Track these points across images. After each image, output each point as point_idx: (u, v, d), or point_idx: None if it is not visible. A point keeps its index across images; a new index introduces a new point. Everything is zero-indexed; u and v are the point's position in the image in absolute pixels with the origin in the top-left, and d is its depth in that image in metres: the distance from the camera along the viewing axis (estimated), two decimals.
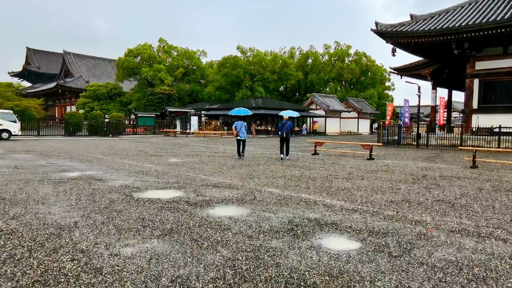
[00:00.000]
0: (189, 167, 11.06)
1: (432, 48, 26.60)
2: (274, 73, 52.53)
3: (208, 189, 7.41)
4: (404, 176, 9.88)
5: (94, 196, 6.46)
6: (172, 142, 25.82)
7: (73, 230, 4.40)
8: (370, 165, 12.43)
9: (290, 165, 11.97)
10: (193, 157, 14.25)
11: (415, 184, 8.50)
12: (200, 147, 20.46)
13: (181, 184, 7.96)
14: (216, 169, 10.58)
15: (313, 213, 5.53)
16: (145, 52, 54.85)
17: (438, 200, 6.66)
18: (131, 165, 11.35)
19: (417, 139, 22.34)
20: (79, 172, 9.54)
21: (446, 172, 10.98)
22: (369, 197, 6.83)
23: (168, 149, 18.77)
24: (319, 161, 13.53)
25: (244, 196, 6.69)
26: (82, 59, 73.35)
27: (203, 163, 12.27)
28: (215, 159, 13.75)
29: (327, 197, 6.74)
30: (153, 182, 8.10)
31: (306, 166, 11.75)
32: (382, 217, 5.28)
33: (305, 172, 10.35)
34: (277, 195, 6.85)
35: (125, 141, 26.25)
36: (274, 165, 12.03)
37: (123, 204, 5.88)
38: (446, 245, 4.10)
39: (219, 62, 53.16)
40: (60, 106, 71.96)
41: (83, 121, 34.37)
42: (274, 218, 5.21)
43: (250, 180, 8.63)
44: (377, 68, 61.07)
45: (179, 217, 5.13)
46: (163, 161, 12.76)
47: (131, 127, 38.63)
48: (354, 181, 8.73)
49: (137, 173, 9.48)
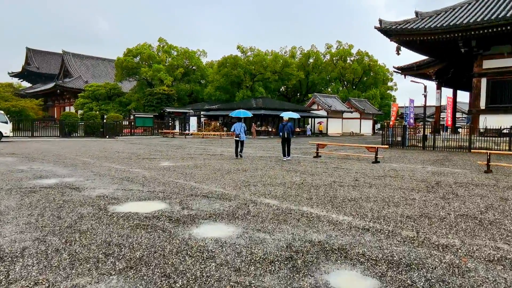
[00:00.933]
0: (180, 172, 10.17)
1: (437, 47, 25.68)
2: (275, 73, 51.62)
3: (196, 200, 6.52)
4: (415, 183, 8.97)
5: (61, 210, 5.57)
6: (169, 143, 24.95)
7: (15, 262, 3.51)
8: (376, 170, 11.53)
9: (291, 170, 11.08)
10: (187, 161, 13.37)
11: (430, 193, 7.59)
12: (197, 149, 19.58)
13: (167, 193, 7.08)
14: (209, 175, 9.69)
15: (317, 233, 4.64)
16: (145, 52, 54.05)
17: (461, 214, 5.75)
18: (118, 170, 10.47)
19: (423, 140, 21.41)
20: (57, 179, 8.65)
21: (460, 177, 10.07)
22: (380, 210, 5.93)
23: (163, 151, 17.90)
24: (322, 165, 12.64)
25: (237, 210, 5.80)
26: (81, 59, 72.61)
27: (197, 167, 11.38)
28: (211, 162, 12.86)
29: (332, 211, 5.84)
30: (136, 191, 7.21)
31: (307, 171, 10.85)
32: (400, 240, 4.38)
33: (307, 178, 9.46)
34: (275, 208, 5.96)
35: (121, 142, 25.39)
36: (273, 169, 11.13)
37: (92, 221, 4.99)
38: (489, 284, 3.20)
39: (219, 62, 52.28)
40: (59, 106, 71.23)
41: (79, 122, 33.50)
42: (270, 240, 4.31)
43: (245, 189, 7.74)
44: (380, 68, 60.12)
45: (154, 240, 4.24)
46: (154, 165, 11.88)
47: (129, 128, 37.77)
48: (361, 190, 7.83)
49: (122, 180, 8.59)
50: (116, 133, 34.53)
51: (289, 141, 14.33)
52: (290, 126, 14.24)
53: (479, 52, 24.46)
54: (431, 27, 23.18)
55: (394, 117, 23.54)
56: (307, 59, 59.39)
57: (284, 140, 14.17)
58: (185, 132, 37.53)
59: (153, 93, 47.61)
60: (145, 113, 41.17)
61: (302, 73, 55.15)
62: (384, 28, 25.37)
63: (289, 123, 14.41)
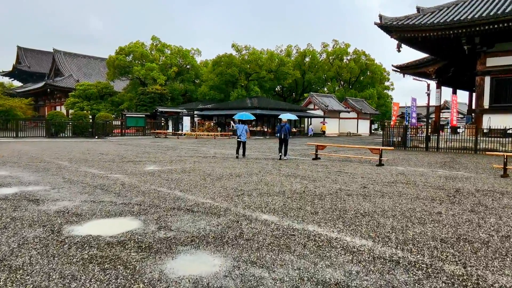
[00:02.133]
0: (166, 178, 8.99)
1: (439, 44, 24.70)
2: (270, 72, 50.45)
3: (178, 215, 5.36)
4: (432, 191, 7.86)
5: (1, 233, 4.37)
6: (160, 144, 23.72)
7: None
8: (383, 174, 10.42)
9: (290, 175, 9.94)
10: (176, 164, 12.17)
11: (455, 204, 6.49)
12: (189, 151, 18.39)
13: (144, 206, 5.90)
14: (198, 182, 8.52)
15: (331, 267, 3.49)
16: (137, 50, 52.71)
17: (505, 236, 4.63)
18: (95, 175, 9.25)
19: (426, 141, 20.35)
20: (18, 187, 7.43)
21: (479, 183, 8.99)
22: (405, 230, 4.80)
23: (152, 153, 16.68)
24: (323, 168, 11.51)
25: (226, 230, 4.65)
26: (73, 58, 71.04)
27: (185, 172, 10.20)
28: (201, 166, 11.69)
29: (345, 231, 4.71)
30: (107, 204, 6.02)
31: (308, 176, 9.71)
32: (447, 281, 3.25)
33: (308, 185, 8.32)
34: (274, 228, 4.81)
35: (110, 143, 24.11)
36: (270, 174, 9.98)
37: (35, 251, 3.80)
38: None
39: (214, 61, 51.01)
40: (50, 106, 69.68)
41: (66, 122, 32.11)
42: (269, 281, 3.16)
43: (238, 200, 6.58)
44: (377, 67, 59.21)
45: (108, 284, 3.07)
46: (138, 169, 10.68)
47: (120, 128, 36.43)
48: (374, 200, 6.71)
49: (95, 189, 7.40)
50: (106, 134, 33.21)
51: (287, 142, 14.96)
52: (287, 128, 14.93)
53: (482, 50, 23.51)
54: (433, 22, 22.17)
55: (395, 117, 22.50)
56: (303, 58, 58.33)
57: (282, 140, 14.71)
58: (177, 133, 36.28)
59: (145, 92, 46.30)
60: (136, 113, 39.85)
61: (298, 72, 54.04)
62: (385, 24, 24.30)
63: (287, 124, 15.09)
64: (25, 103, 53.09)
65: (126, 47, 53.12)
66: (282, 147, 14.61)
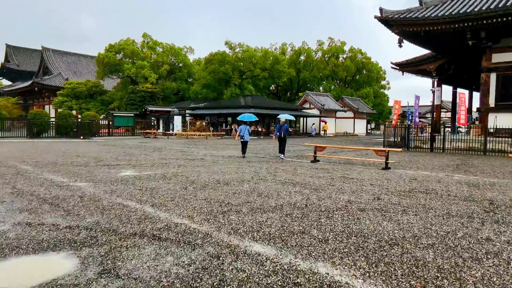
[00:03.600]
0: (139, 187, 7.48)
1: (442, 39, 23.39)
2: (264, 70, 48.95)
3: (138, 247, 3.87)
4: (462, 203, 6.44)
5: None
6: (147, 145, 22.16)
7: None
8: (394, 180, 9.00)
9: (287, 182, 8.47)
10: (158, 168, 10.66)
11: (500, 224, 5.05)
12: (177, 152, 16.88)
13: (95, 232, 4.40)
14: (177, 191, 7.02)
15: None
16: (128, 47, 51.03)
17: None
18: (54, 184, 7.71)
19: (431, 141, 18.98)
20: None
21: (510, 192, 7.61)
22: (458, 274, 3.35)
23: (135, 154, 15.14)
24: (324, 173, 10.06)
25: (201, 276, 3.17)
26: (62, 56, 69.06)
27: (166, 178, 8.69)
28: (186, 170, 10.19)
29: (374, 277, 3.25)
30: (46, 229, 4.51)
31: (309, 183, 8.26)
32: None
33: (310, 195, 6.86)
34: (270, 269, 3.34)
35: (93, 144, 22.48)
36: (264, 181, 8.50)
37: None
38: None
39: (206, 58, 49.38)
40: (39, 105, 67.73)
41: (50, 121, 30.37)
42: None
43: (223, 219, 5.10)
44: (373, 65, 58.00)
45: None
46: (111, 175, 9.15)
47: (107, 128, 34.73)
48: (395, 218, 5.26)
49: (43, 203, 5.87)
50: (92, 134, 31.51)
51: (285, 141, 15.50)
52: (286, 127, 15.43)
53: (487, 45, 22.25)
54: (437, 16, 20.84)
55: (397, 116, 21.14)
56: (298, 57, 56.95)
57: (281, 139, 15.27)
58: (168, 132, 34.67)
59: (135, 91, 44.64)
60: (125, 112, 38.17)
61: (293, 71, 52.61)
62: (385, 18, 22.92)
63: (285, 124, 15.48)
64: (11, 102, 51.22)
65: (117, 44, 51.42)
66: (281, 146, 15.36)
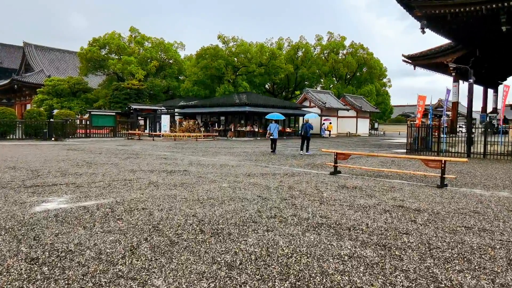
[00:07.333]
0: (37, 249, 4.04)
1: (470, 25, 20.14)
2: (260, 66, 45.42)
3: None
4: None
5: None
6: (124, 149, 18.63)
7: None
8: (483, 213, 5.64)
9: (320, 224, 5.07)
10: (112, 192, 7.19)
11: None
12: (156, 160, 13.41)
13: None
14: (113, 265, 3.59)
15: None
16: (113, 42, 47.27)
17: None
18: None
19: (468, 144, 15.68)
20: None
21: None
22: None
23: (98, 164, 11.64)
24: (364, 198, 6.66)
25: None
26: (45, 52, 65.04)
27: (108, 218, 5.23)
28: (155, 196, 6.75)
29: None
30: None
31: (359, 226, 4.87)
32: None
33: (386, 267, 3.47)
34: None
35: (59, 148, 18.86)
36: (281, 223, 5.07)
37: None
38: None
39: (198, 53, 45.71)
40: (20, 104, 63.75)
41: (16, 121, 26.64)
42: None
43: None
44: (375, 61, 54.79)
45: None
46: (23, 209, 5.68)
47: (84, 128, 31.04)
48: None
49: None
50: (65, 135, 27.84)
51: (309, 139, 16.48)
52: (309, 126, 16.45)
53: None
54: None
55: (421, 114, 17.84)
56: (296, 52, 53.53)
57: (304, 137, 16.40)
58: (154, 134, 31.08)
59: (120, 88, 40.98)
60: (105, 111, 34.49)
61: (291, 67, 49.15)
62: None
63: (308, 123, 16.44)
64: None
65: (101, 38, 47.65)
66: (304, 143, 16.50)
